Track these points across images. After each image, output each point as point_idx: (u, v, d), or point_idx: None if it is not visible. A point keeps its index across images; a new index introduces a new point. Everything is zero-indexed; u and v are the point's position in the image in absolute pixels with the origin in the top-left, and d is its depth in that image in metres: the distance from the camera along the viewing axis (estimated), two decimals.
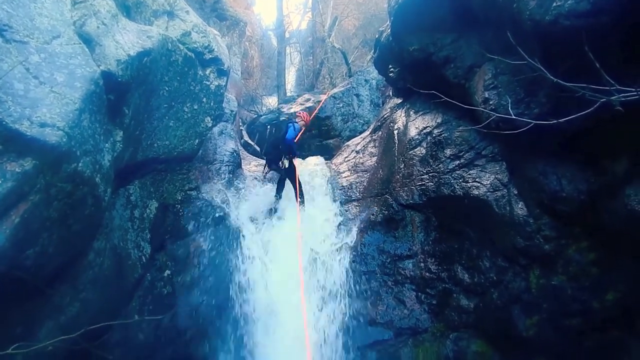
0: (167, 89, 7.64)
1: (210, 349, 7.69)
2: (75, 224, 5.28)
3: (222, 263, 8.37)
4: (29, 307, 5.12)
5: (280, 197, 9.74)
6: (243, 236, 8.89)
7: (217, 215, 8.81)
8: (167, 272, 7.84)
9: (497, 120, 5.68)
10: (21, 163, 4.57)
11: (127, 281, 7.03)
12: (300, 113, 10.38)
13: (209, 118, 8.82)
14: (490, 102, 6.34)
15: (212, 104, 8.89)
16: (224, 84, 9.33)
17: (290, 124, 9.47)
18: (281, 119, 9.32)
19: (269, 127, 9.52)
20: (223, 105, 10.03)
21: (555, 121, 3.65)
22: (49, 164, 4.75)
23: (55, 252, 5.02)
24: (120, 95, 6.23)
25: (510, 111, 4.70)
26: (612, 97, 3.37)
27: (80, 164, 5.09)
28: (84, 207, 5.35)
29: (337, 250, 8.68)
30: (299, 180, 9.66)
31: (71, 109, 5.13)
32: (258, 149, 15.33)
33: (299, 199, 9.32)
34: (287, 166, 9.47)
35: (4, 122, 4.52)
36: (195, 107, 8.45)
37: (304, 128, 10.79)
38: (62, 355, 5.46)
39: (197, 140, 8.68)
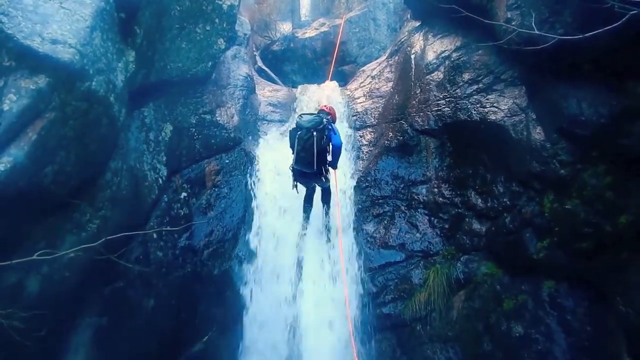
0: (178, 8, 7.46)
1: (226, 269, 7.92)
2: (91, 144, 5.35)
3: (237, 186, 8.49)
4: (51, 222, 5.30)
5: (308, 219, 8.25)
6: (257, 160, 8.94)
7: (231, 139, 8.84)
8: (184, 194, 7.98)
9: (519, 40, 5.48)
10: (35, 80, 4.58)
11: (144, 202, 7.19)
12: (327, 108, 8.05)
13: (221, 40, 8.61)
14: (513, 23, 6.08)
15: (224, 25, 8.63)
16: (236, 3, 9.03)
17: (330, 127, 7.49)
18: (324, 121, 7.38)
19: (314, 132, 7.20)
20: (236, 27, 9.77)
21: (581, 36, 3.51)
22: (63, 82, 4.75)
23: (72, 170, 5.12)
24: (131, 13, 6.12)
25: (534, 26, 4.50)
26: None
27: (93, 83, 5.08)
28: (99, 127, 5.40)
29: (352, 175, 8.74)
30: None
31: (82, 26, 5.07)
32: (273, 75, 15.08)
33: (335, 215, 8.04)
34: (329, 180, 7.78)
35: (14, 38, 4.50)
36: (208, 28, 8.24)
37: None
38: (85, 266, 5.72)
39: (210, 63, 8.54)
